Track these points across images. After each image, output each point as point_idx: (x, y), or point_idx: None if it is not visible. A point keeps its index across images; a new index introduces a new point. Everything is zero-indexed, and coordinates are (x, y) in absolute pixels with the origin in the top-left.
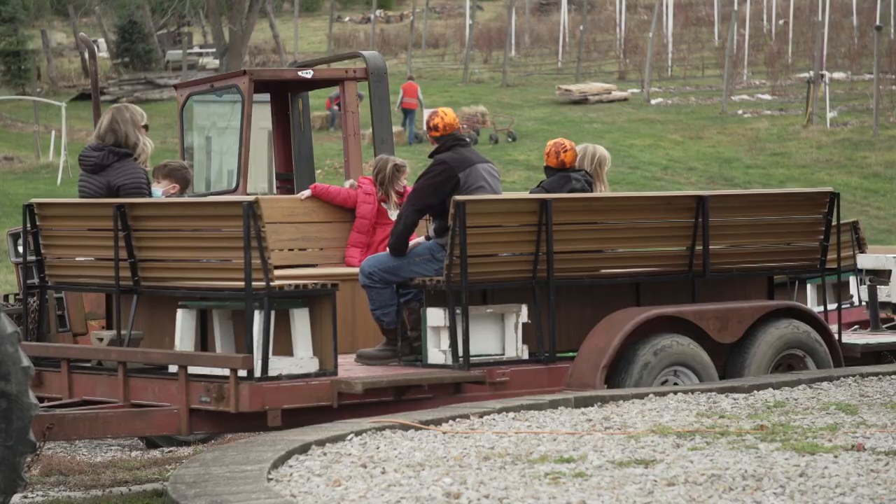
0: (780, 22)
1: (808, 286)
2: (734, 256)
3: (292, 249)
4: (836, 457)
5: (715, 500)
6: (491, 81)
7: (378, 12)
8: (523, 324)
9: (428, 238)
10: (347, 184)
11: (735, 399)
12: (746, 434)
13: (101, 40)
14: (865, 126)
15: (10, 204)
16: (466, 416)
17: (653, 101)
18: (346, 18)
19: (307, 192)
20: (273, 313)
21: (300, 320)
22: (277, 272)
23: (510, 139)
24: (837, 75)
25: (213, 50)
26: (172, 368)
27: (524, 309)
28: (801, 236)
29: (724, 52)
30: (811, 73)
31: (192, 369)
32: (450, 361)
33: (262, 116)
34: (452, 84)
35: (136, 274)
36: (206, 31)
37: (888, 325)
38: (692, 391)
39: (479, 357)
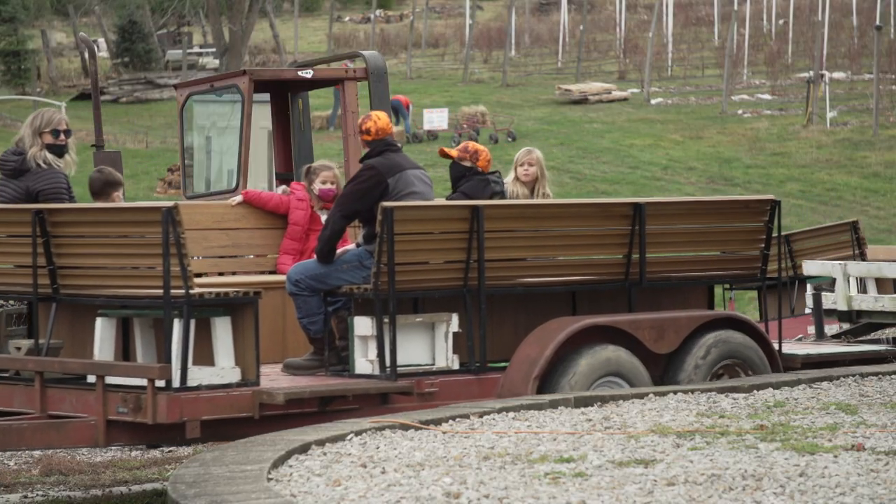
0: (780, 22)
1: (808, 286)
2: (672, 265)
3: (223, 256)
4: (836, 457)
5: (715, 499)
6: (491, 81)
7: (378, 12)
8: (454, 333)
9: (358, 245)
10: (280, 190)
11: (735, 399)
12: (746, 434)
13: (101, 40)
14: (865, 126)
15: None
16: (466, 416)
17: (653, 101)
18: (346, 18)
19: (238, 198)
20: (194, 322)
21: (221, 329)
22: (205, 280)
23: (510, 139)
24: (837, 75)
25: (213, 50)
26: (91, 378)
27: (455, 318)
28: (741, 244)
29: (724, 51)
30: (811, 72)
31: (110, 379)
32: (377, 372)
33: (262, 116)
34: (452, 84)
35: (56, 281)
36: (206, 30)
37: (834, 334)
38: (692, 391)
39: (408, 367)
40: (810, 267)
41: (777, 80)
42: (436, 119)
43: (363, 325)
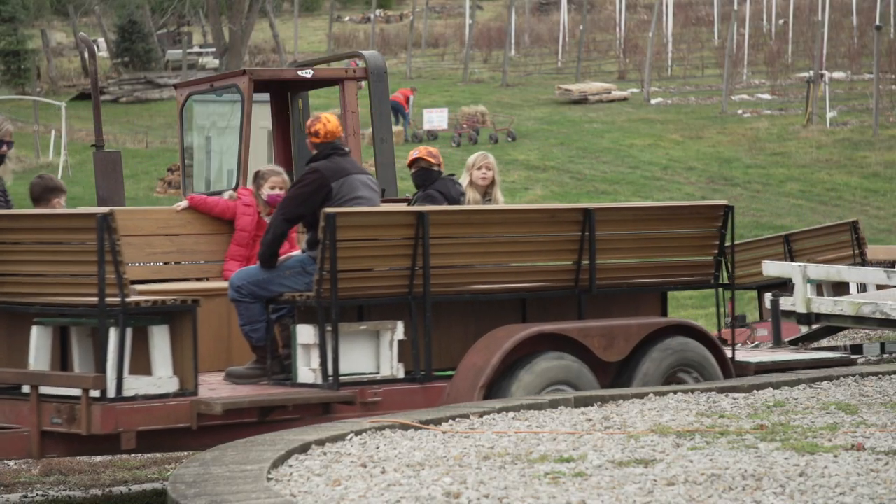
0: (780, 21)
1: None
2: (623, 271)
3: (167, 263)
4: (835, 456)
5: (715, 499)
6: (491, 81)
7: (378, 12)
8: (399, 341)
9: (303, 251)
10: (227, 195)
11: (735, 399)
12: (746, 434)
13: (101, 40)
14: (865, 126)
15: None
16: (466, 416)
17: (653, 101)
18: (346, 18)
19: (184, 203)
20: (130, 330)
21: (159, 338)
22: (145, 287)
23: (510, 139)
24: (837, 75)
25: (213, 50)
26: (25, 388)
27: (400, 326)
28: (694, 250)
29: (723, 51)
30: (811, 72)
31: (45, 389)
32: (320, 381)
33: (262, 116)
34: (452, 84)
35: None
36: (205, 30)
37: (791, 339)
38: (692, 391)
39: (352, 376)
40: (769, 268)
41: (777, 80)
42: (436, 119)
43: (306, 334)
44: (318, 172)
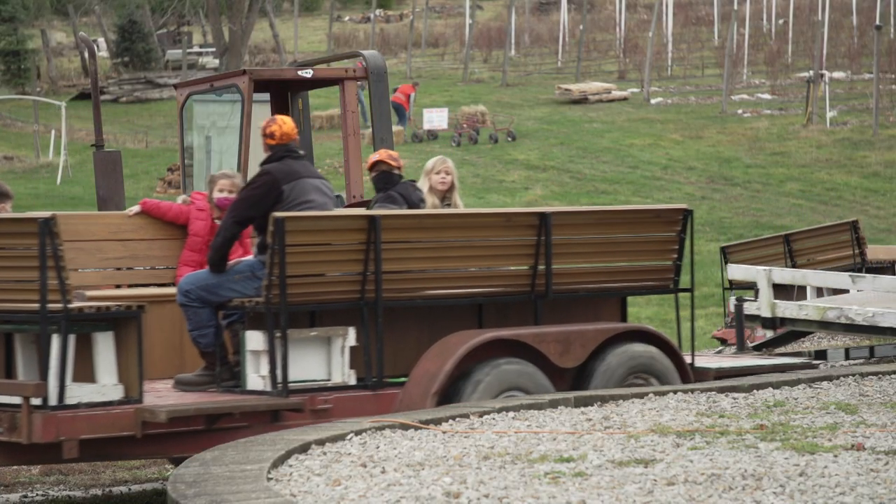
0: (780, 21)
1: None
2: (581, 276)
3: (120, 268)
4: (835, 456)
5: (715, 499)
6: (491, 81)
7: (378, 12)
8: (351, 347)
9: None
10: (180, 199)
11: (735, 398)
12: (746, 433)
13: (101, 40)
14: (865, 125)
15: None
16: (466, 416)
17: (653, 101)
18: (346, 18)
19: (136, 208)
20: (73, 337)
21: (103, 344)
22: (95, 293)
23: (510, 139)
24: (837, 75)
25: (213, 49)
26: None
27: (352, 332)
28: (653, 255)
29: (723, 51)
30: (811, 72)
31: None
32: (269, 388)
33: (262, 116)
34: (452, 83)
35: None
36: (205, 30)
37: (755, 344)
38: (692, 391)
39: (302, 383)
40: (734, 271)
41: (777, 80)
42: (436, 119)
43: (255, 340)
44: (269, 175)
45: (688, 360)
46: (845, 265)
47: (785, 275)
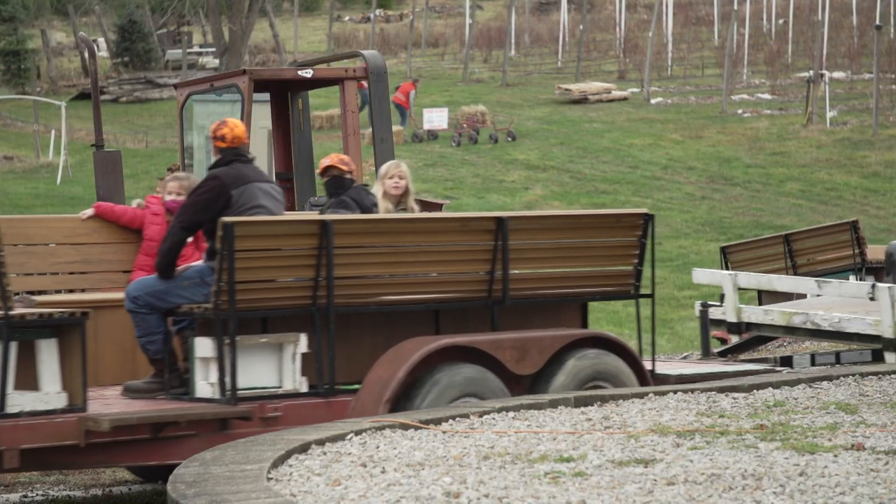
0: (780, 21)
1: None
2: (539, 281)
3: (73, 273)
4: (835, 456)
5: (715, 499)
6: (491, 81)
7: (378, 12)
8: (303, 354)
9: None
10: (135, 203)
11: (735, 398)
12: (746, 433)
13: (101, 40)
14: (865, 125)
15: (10, 203)
16: (466, 416)
17: (653, 101)
18: (346, 18)
19: (90, 211)
20: (15, 344)
21: (47, 352)
22: (44, 298)
23: (510, 139)
24: (837, 75)
25: (213, 49)
26: None
27: (303, 338)
28: (613, 260)
29: (723, 51)
30: (811, 72)
31: None
32: (218, 395)
33: (262, 116)
34: (452, 83)
35: None
36: (205, 30)
37: (720, 350)
38: (692, 391)
39: (252, 390)
40: (699, 276)
41: (777, 80)
42: (436, 119)
43: (204, 347)
44: (217, 179)
45: (648, 366)
46: (845, 265)
47: (750, 279)
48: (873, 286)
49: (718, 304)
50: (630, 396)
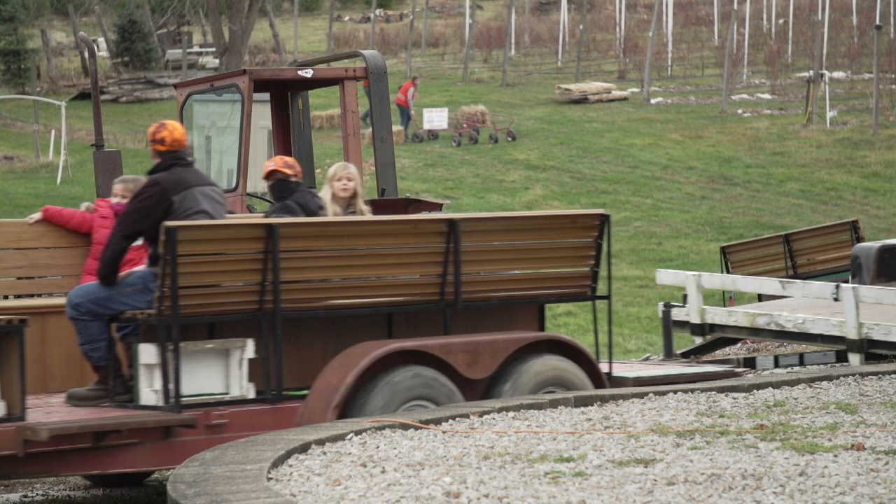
0: (780, 21)
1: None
2: (492, 284)
3: (20, 278)
4: (835, 456)
5: (715, 499)
6: (491, 81)
7: (378, 11)
8: (250, 360)
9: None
10: (83, 206)
11: (735, 398)
12: (746, 433)
13: (101, 39)
14: (865, 125)
15: (10, 203)
16: (466, 416)
17: (652, 101)
18: (346, 18)
19: (37, 215)
20: None
21: None
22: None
23: (510, 138)
24: (837, 75)
25: (213, 49)
26: None
27: (250, 344)
28: (568, 261)
29: (723, 51)
30: (811, 72)
31: None
32: (162, 403)
33: (262, 116)
34: (452, 83)
35: None
36: (205, 30)
37: (682, 351)
38: (692, 391)
39: (197, 397)
40: (662, 277)
41: (777, 80)
42: (436, 119)
43: (148, 353)
44: (158, 185)
45: (605, 368)
46: (845, 265)
47: (714, 280)
48: (837, 287)
49: (681, 304)
50: (630, 396)
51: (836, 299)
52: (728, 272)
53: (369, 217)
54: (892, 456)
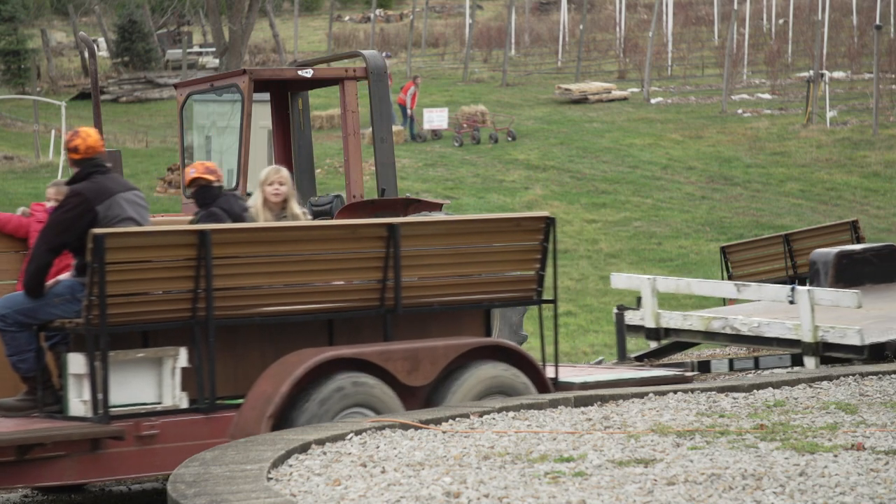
0: (780, 21)
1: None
2: (434, 288)
3: None
4: (835, 456)
5: (715, 499)
6: (491, 81)
7: (378, 11)
8: (183, 369)
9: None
10: (20, 211)
11: (735, 398)
12: (746, 433)
13: (101, 39)
14: (865, 125)
15: (10, 203)
16: (466, 416)
17: (653, 101)
18: (346, 18)
19: None
20: None
21: None
22: None
23: (510, 138)
24: (837, 74)
25: (213, 49)
26: None
27: (183, 352)
28: (513, 265)
29: (723, 51)
30: (811, 72)
31: None
32: (91, 414)
33: (262, 115)
34: (452, 83)
35: None
36: (205, 30)
37: (637, 355)
38: (692, 391)
39: (128, 408)
40: (617, 280)
41: (777, 80)
42: (436, 119)
43: (76, 363)
44: (80, 196)
45: (551, 374)
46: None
47: (669, 283)
48: (793, 289)
49: (635, 307)
50: (630, 396)
51: (791, 302)
52: (728, 272)
53: (305, 222)
54: (892, 456)
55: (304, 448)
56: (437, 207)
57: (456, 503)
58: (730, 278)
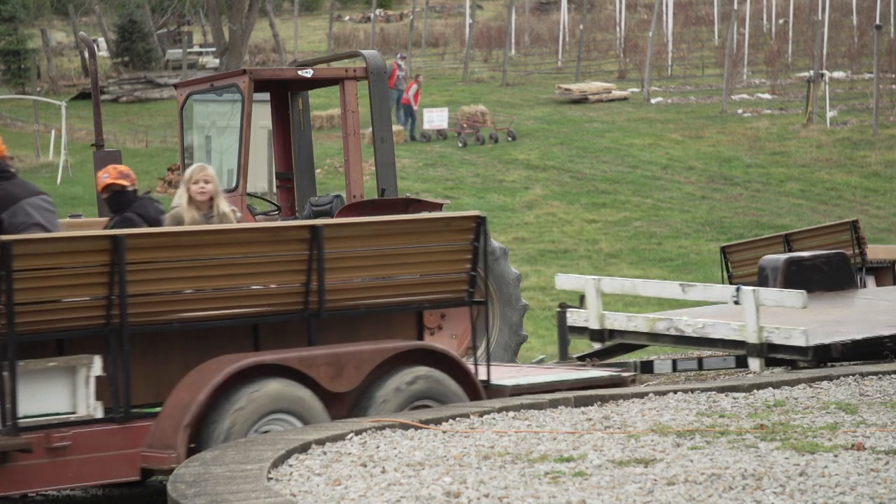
0: (780, 21)
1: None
2: (360, 291)
3: None
4: (835, 456)
5: (715, 499)
6: (491, 80)
7: (378, 11)
8: (98, 377)
9: None
10: None
11: (735, 398)
12: (746, 433)
13: (101, 39)
14: (865, 125)
15: None
16: (466, 416)
17: (653, 101)
18: (346, 18)
19: None
20: None
21: None
22: None
23: (510, 138)
24: (837, 74)
25: (213, 49)
26: None
27: (98, 361)
28: (443, 265)
29: (723, 51)
30: (811, 72)
31: None
32: (0, 426)
33: (262, 115)
34: (452, 83)
35: None
36: (205, 30)
37: (579, 355)
38: (692, 391)
39: (39, 419)
40: (562, 281)
41: (777, 80)
42: (436, 118)
43: None
44: None
45: (482, 378)
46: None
47: (615, 284)
48: (738, 289)
49: (577, 307)
50: (630, 396)
51: (736, 303)
52: (728, 272)
53: (225, 225)
54: (892, 456)
55: (304, 448)
56: (438, 207)
57: (456, 503)
58: (730, 278)
